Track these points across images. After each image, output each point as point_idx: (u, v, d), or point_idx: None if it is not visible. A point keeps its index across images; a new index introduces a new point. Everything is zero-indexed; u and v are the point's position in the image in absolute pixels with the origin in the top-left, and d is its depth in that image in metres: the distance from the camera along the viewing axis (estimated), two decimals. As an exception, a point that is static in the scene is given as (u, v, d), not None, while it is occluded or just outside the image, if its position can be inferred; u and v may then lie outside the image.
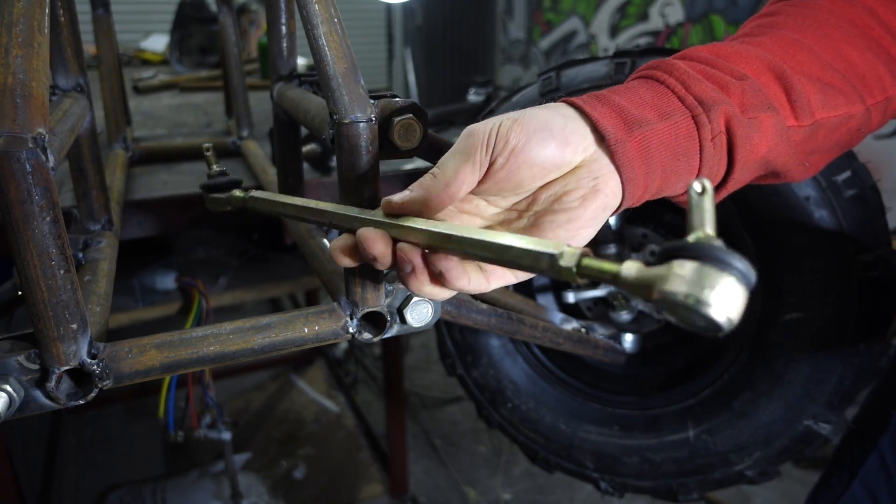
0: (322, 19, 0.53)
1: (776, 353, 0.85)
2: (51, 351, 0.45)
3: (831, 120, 0.53)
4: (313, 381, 2.91)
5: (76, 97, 0.65)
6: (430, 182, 0.45)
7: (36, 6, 0.48)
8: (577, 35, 4.57)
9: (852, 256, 0.79)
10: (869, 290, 0.79)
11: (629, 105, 0.47)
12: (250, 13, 2.58)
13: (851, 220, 0.79)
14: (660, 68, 0.50)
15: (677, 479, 0.93)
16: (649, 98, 0.48)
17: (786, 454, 0.87)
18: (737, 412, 0.89)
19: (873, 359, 0.81)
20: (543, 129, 0.45)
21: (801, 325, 0.83)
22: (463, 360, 1.09)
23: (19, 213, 0.40)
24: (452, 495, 2.31)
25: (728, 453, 0.89)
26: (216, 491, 2.15)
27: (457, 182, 0.45)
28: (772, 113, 0.49)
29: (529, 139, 0.45)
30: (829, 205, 0.78)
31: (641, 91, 0.48)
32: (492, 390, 1.08)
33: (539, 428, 1.04)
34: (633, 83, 0.50)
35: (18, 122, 0.39)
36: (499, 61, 5.58)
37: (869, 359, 0.81)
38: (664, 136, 0.47)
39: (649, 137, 0.47)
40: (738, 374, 0.89)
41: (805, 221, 0.80)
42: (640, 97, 0.48)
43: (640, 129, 0.46)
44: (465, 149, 0.45)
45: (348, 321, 0.55)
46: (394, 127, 0.50)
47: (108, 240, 0.71)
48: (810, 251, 0.80)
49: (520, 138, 0.45)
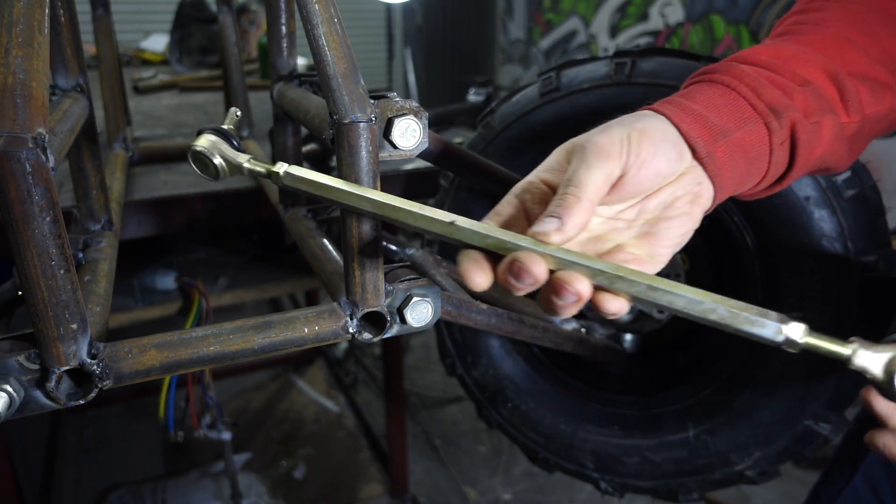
0: (322, 19, 0.53)
1: (776, 353, 0.85)
2: (51, 351, 0.45)
3: (878, 114, 0.56)
4: (313, 381, 2.91)
5: (76, 97, 0.65)
6: (576, 204, 0.44)
7: (36, 6, 0.48)
8: (577, 35, 4.57)
9: (852, 256, 0.79)
10: (869, 290, 0.79)
11: (710, 115, 0.50)
12: (250, 13, 2.58)
13: (851, 220, 0.79)
14: (729, 73, 0.52)
15: (677, 479, 0.93)
16: (725, 106, 0.50)
17: (786, 454, 0.87)
18: (737, 412, 0.89)
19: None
20: (665, 140, 0.48)
21: None
22: (463, 360, 1.09)
23: (19, 213, 0.40)
24: (452, 495, 2.31)
25: (728, 453, 0.89)
26: (216, 491, 2.15)
27: (595, 198, 0.45)
28: (831, 116, 0.52)
29: (657, 151, 0.47)
30: (829, 205, 0.78)
31: (716, 98, 0.51)
32: (492, 390, 1.08)
33: (539, 428, 1.04)
34: (704, 88, 0.53)
35: (18, 122, 0.39)
36: (499, 61, 5.58)
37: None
38: (742, 144, 0.50)
39: (731, 147, 0.50)
40: (739, 375, 0.89)
41: (805, 221, 0.80)
42: (717, 105, 0.50)
43: (723, 140, 0.49)
44: (597, 164, 0.46)
45: (348, 321, 0.55)
46: (394, 127, 0.50)
47: (108, 240, 0.71)
48: (810, 251, 0.80)
49: (649, 150, 0.47)
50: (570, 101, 0.92)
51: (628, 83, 0.87)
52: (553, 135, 0.95)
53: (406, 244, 0.82)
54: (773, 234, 0.83)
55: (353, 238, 0.52)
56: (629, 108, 0.93)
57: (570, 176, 0.46)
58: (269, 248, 1.77)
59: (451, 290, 0.70)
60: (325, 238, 0.70)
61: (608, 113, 0.89)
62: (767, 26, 3.21)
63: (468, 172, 0.74)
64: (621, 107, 0.88)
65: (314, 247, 0.68)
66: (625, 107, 0.87)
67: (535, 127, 0.95)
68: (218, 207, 1.09)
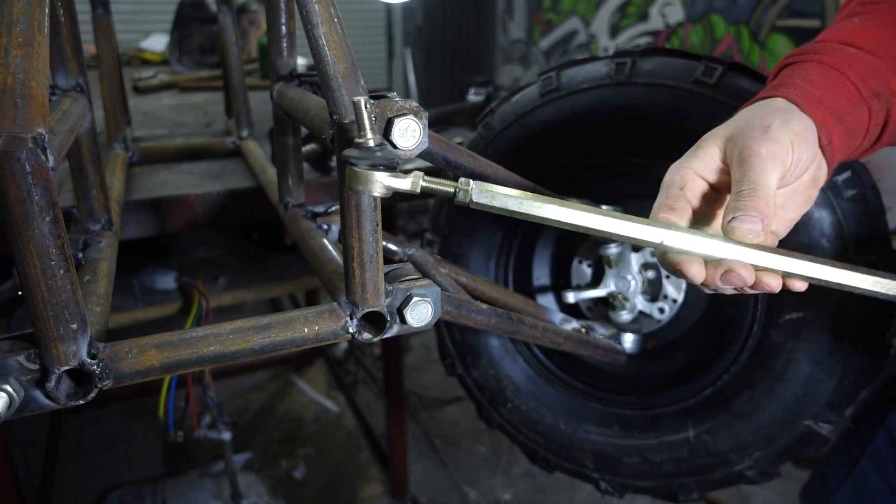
0: (322, 19, 0.53)
1: (776, 353, 0.85)
2: (51, 351, 0.45)
3: None
4: (313, 382, 2.91)
5: (76, 97, 0.65)
6: (767, 208, 0.50)
7: (36, 6, 0.48)
8: (577, 35, 4.57)
9: (852, 257, 0.79)
10: (869, 290, 0.79)
11: (828, 101, 0.55)
12: (250, 13, 2.58)
13: (851, 220, 0.79)
14: (835, 55, 0.58)
15: (677, 479, 0.93)
16: (837, 91, 0.56)
17: (786, 454, 0.87)
18: (737, 412, 0.89)
19: (873, 359, 0.81)
20: (810, 138, 0.54)
21: (801, 326, 0.83)
22: (463, 359, 1.09)
23: (19, 213, 0.40)
24: (452, 495, 2.31)
25: (728, 453, 0.89)
26: (216, 491, 2.15)
27: (774, 200, 0.51)
28: None
29: (806, 148, 0.53)
30: (829, 205, 0.78)
31: (829, 82, 0.56)
32: (492, 390, 1.08)
33: (539, 428, 1.04)
34: (815, 70, 0.57)
35: (18, 122, 0.39)
36: (499, 61, 5.58)
37: (869, 359, 0.81)
38: (849, 126, 0.56)
39: (843, 131, 0.55)
40: (739, 375, 0.89)
41: (805, 221, 0.79)
42: (831, 90, 0.56)
43: (840, 126, 0.55)
44: (773, 169, 0.51)
45: (348, 321, 0.55)
46: (393, 127, 0.50)
47: (107, 240, 0.71)
48: (810, 251, 0.80)
49: (803, 151, 0.52)
50: (571, 101, 0.92)
51: (628, 83, 0.87)
52: (553, 135, 0.95)
53: (406, 244, 0.82)
54: (773, 234, 0.83)
55: (353, 238, 0.52)
56: (629, 108, 0.92)
57: (756, 180, 0.50)
58: (269, 248, 1.77)
59: (451, 290, 0.70)
60: (325, 238, 0.70)
61: (607, 113, 0.89)
62: (768, 26, 3.21)
63: (468, 173, 0.74)
64: (621, 106, 0.88)
65: (314, 247, 0.68)
66: (625, 106, 0.87)
67: (535, 127, 0.95)
68: (218, 207, 1.09)
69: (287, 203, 0.83)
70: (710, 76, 0.81)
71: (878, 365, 0.81)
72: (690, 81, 0.82)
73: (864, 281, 0.51)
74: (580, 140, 0.94)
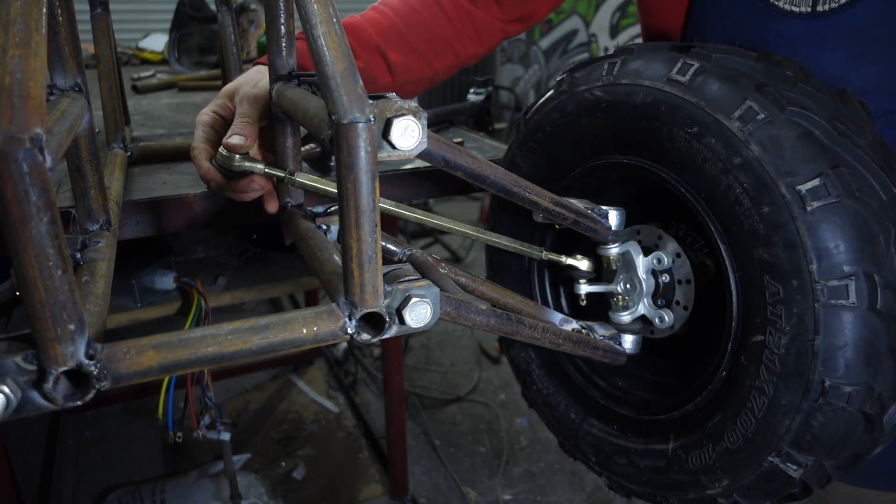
0: (321, 19, 0.53)
1: (743, 377, 0.82)
2: (48, 352, 0.45)
3: None
4: (313, 382, 2.91)
5: (74, 97, 0.64)
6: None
7: (33, 5, 0.48)
8: (577, 34, 4.57)
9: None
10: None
11: None
12: (250, 13, 2.58)
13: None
14: None
15: (659, 490, 0.89)
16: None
17: (757, 492, 0.76)
18: (709, 433, 0.81)
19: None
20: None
21: (762, 350, 0.78)
22: (504, 338, 1.09)
23: (16, 213, 0.40)
24: (452, 496, 2.31)
25: (699, 473, 0.82)
26: (215, 491, 2.15)
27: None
28: None
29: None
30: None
31: None
32: (522, 371, 1.09)
33: (555, 413, 1.05)
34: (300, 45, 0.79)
35: (15, 123, 0.39)
36: (499, 61, 5.58)
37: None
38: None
39: None
40: (716, 395, 0.84)
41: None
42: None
43: None
44: (254, 103, 0.73)
45: (347, 322, 0.55)
46: (393, 127, 0.50)
47: (106, 240, 0.71)
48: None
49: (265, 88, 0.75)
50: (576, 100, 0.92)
51: (628, 83, 0.87)
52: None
53: (405, 244, 0.82)
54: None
55: (352, 238, 0.52)
56: (629, 108, 0.93)
57: (241, 111, 0.79)
58: (269, 248, 1.77)
59: (450, 290, 0.70)
60: (325, 238, 0.70)
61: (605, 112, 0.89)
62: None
63: (467, 173, 0.74)
64: (620, 106, 0.88)
65: (313, 247, 0.68)
66: (624, 107, 0.87)
67: None
68: (217, 207, 1.09)
69: (286, 203, 0.82)
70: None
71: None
72: None
73: None
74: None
